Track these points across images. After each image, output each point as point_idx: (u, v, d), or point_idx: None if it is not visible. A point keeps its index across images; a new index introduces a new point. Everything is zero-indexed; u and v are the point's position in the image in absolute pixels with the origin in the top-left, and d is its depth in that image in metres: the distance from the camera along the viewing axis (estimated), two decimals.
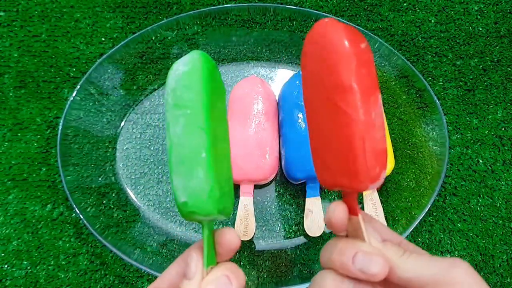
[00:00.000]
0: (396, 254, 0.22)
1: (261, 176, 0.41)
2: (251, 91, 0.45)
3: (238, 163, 0.40)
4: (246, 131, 0.42)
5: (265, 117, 0.44)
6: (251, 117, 0.43)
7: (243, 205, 0.40)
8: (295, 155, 0.42)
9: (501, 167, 0.48)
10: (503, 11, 0.57)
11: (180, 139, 0.22)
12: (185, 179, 0.22)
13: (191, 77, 0.22)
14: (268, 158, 0.42)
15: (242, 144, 0.41)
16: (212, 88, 0.23)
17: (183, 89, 0.22)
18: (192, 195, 0.21)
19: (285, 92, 0.46)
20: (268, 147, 0.42)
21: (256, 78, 0.47)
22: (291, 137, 0.42)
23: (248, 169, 0.40)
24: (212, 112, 0.22)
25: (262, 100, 0.45)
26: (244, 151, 0.41)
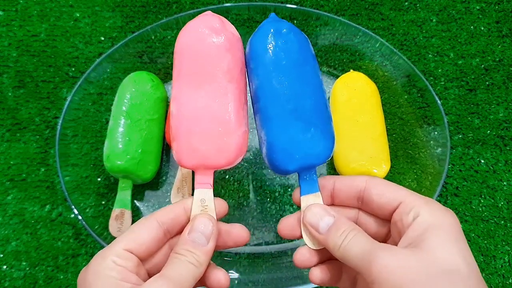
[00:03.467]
0: (337, 242, 0.24)
1: (223, 159, 0.28)
2: (206, 37, 0.29)
3: (192, 143, 0.28)
4: (200, 98, 0.28)
5: (228, 77, 0.29)
6: (206, 78, 0.29)
7: (199, 201, 0.27)
8: (281, 138, 0.28)
9: (502, 167, 0.48)
10: (505, 10, 0.57)
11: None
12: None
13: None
14: (233, 134, 0.28)
15: (194, 117, 0.28)
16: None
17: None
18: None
19: (257, 48, 0.30)
20: (233, 119, 0.28)
21: (214, 16, 0.30)
22: (274, 114, 0.29)
23: (205, 150, 0.28)
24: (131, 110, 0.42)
25: (223, 50, 0.29)
26: (198, 126, 0.28)
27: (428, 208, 0.23)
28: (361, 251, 0.23)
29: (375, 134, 0.44)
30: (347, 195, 0.27)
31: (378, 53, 0.50)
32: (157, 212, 0.26)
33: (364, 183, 0.26)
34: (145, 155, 0.43)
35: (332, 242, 0.24)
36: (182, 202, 0.27)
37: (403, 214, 0.24)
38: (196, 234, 0.25)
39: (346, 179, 0.27)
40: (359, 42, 0.51)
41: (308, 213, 0.26)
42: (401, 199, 0.24)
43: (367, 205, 0.26)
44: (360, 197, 0.27)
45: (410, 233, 0.22)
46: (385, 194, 0.25)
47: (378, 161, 0.43)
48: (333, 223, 0.25)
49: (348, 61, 0.52)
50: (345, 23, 0.51)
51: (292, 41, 0.29)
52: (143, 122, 0.44)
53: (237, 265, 0.42)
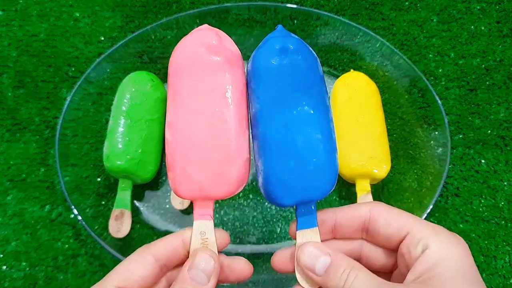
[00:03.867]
0: (338, 284, 0.22)
1: (223, 190, 0.26)
2: (203, 57, 0.26)
3: (189, 172, 0.26)
4: (197, 124, 0.26)
5: (227, 100, 0.26)
6: (203, 102, 0.26)
7: (199, 233, 0.25)
8: (279, 170, 0.25)
9: (503, 167, 0.48)
10: (506, 10, 0.57)
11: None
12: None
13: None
14: (234, 163, 0.26)
15: (191, 144, 0.26)
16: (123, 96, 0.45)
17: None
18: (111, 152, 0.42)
19: (259, 67, 0.27)
20: (233, 147, 0.26)
21: (210, 31, 0.28)
22: (273, 142, 0.26)
23: (204, 181, 0.25)
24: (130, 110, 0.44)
25: (222, 71, 0.26)
26: (196, 154, 0.26)
27: (437, 239, 0.21)
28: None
29: (375, 134, 0.44)
30: (350, 228, 0.25)
31: (379, 53, 0.50)
32: (153, 245, 0.24)
33: (368, 212, 0.24)
34: (145, 155, 0.43)
35: (332, 285, 0.23)
36: (180, 234, 0.25)
37: (411, 246, 0.22)
38: (197, 271, 0.23)
39: (348, 211, 0.25)
40: (359, 42, 0.51)
41: (302, 255, 0.24)
42: (408, 229, 0.23)
43: (372, 237, 0.25)
44: (365, 228, 0.25)
45: (419, 267, 0.21)
46: (392, 224, 0.23)
47: (378, 161, 0.42)
48: (331, 263, 0.23)
49: (348, 61, 0.52)
50: (346, 23, 0.50)
51: (299, 61, 0.26)
52: (143, 122, 0.44)
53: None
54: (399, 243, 0.23)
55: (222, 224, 0.44)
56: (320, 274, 0.23)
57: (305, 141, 0.25)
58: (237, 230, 0.44)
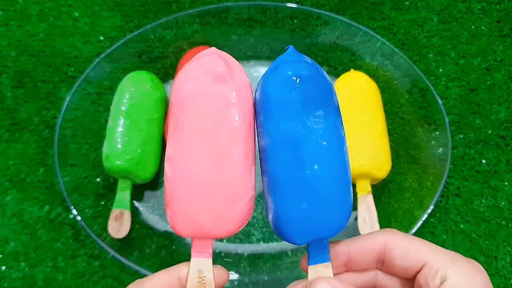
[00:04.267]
0: None
1: (225, 230, 0.24)
2: (209, 88, 0.24)
3: (188, 211, 0.24)
4: (199, 160, 0.24)
5: (233, 136, 0.24)
6: (208, 137, 0.24)
7: (196, 271, 0.23)
8: (290, 209, 0.24)
9: (504, 167, 0.47)
10: (506, 9, 0.57)
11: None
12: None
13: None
14: (236, 202, 0.24)
15: (192, 182, 0.24)
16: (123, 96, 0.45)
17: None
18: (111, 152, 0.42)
19: (269, 98, 0.24)
20: (238, 185, 0.24)
21: (219, 57, 0.26)
22: (284, 180, 0.24)
23: (204, 220, 0.24)
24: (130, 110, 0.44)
25: (229, 103, 0.24)
26: (197, 192, 0.24)
27: (455, 269, 0.21)
28: None
29: (376, 134, 0.44)
30: (365, 261, 0.24)
31: (379, 53, 0.50)
32: (148, 280, 0.23)
33: (383, 243, 0.24)
34: (145, 156, 0.43)
35: None
36: (176, 270, 0.23)
37: (429, 277, 0.22)
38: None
39: (362, 243, 0.24)
40: (359, 42, 0.51)
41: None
42: (425, 260, 0.22)
43: (388, 268, 0.24)
44: (380, 259, 0.24)
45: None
46: (408, 255, 0.23)
47: (379, 161, 0.42)
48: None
49: (348, 60, 0.52)
50: (346, 23, 0.50)
51: (312, 91, 0.24)
52: (143, 122, 0.44)
53: (237, 266, 0.42)
54: (415, 273, 0.23)
55: None
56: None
57: (318, 179, 0.23)
58: None
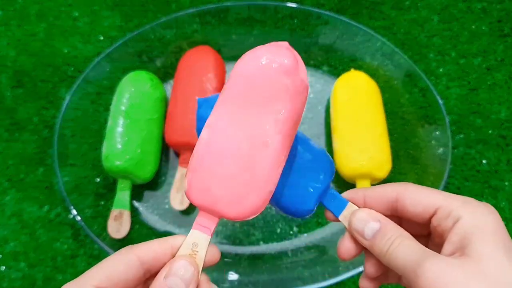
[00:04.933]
0: (382, 249, 0.23)
1: (235, 212, 0.24)
2: (273, 74, 0.25)
3: (209, 181, 0.24)
4: (239, 137, 0.24)
5: (279, 127, 0.24)
6: (255, 118, 0.24)
7: (191, 244, 0.24)
8: (286, 190, 0.27)
9: (504, 167, 0.47)
10: (506, 9, 0.56)
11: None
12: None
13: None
14: (256, 191, 0.25)
15: (224, 154, 0.24)
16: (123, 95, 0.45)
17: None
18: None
19: None
20: (265, 174, 0.24)
21: (291, 51, 0.25)
22: None
23: (219, 195, 0.24)
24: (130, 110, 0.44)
25: (287, 95, 0.25)
26: (224, 166, 0.24)
27: (467, 209, 0.22)
28: (408, 260, 0.22)
29: (376, 134, 0.44)
30: (380, 207, 0.26)
31: (379, 53, 0.50)
32: (139, 246, 0.22)
33: (395, 193, 0.25)
34: (144, 155, 0.43)
35: (377, 249, 0.24)
36: (171, 239, 0.23)
37: (442, 219, 0.23)
38: (174, 279, 0.21)
39: (375, 191, 0.26)
40: (360, 41, 0.51)
41: (354, 219, 0.25)
42: (437, 205, 0.23)
43: (402, 215, 0.25)
44: (394, 207, 0.25)
45: (453, 238, 0.22)
46: (420, 202, 0.24)
47: (379, 161, 0.42)
48: (379, 229, 0.24)
49: (349, 60, 0.52)
50: (346, 22, 0.50)
51: None
52: (142, 122, 0.44)
53: (237, 266, 0.41)
54: (429, 219, 0.24)
55: (222, 225, 0.44)
56: (368, 237, 0.24)
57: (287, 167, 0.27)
58: (237, 230, 0.44)
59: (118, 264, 0.21)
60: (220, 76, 0.47)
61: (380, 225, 0.24)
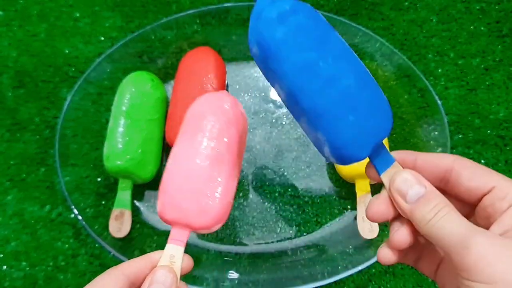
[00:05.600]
0: (425, 216, 0.22)
1: (202, 222, 0.29)
2: (215, 109, 0.32)
3: (175, 197, 0.29)
4: (197, 159, 0.29)
5: (227, 147, 0.30)
6: (207, 138, 0.30)
7: (168, 256, 0.27)
8: (342, 131, 0.24)
9: (503, 167, 0.48)
10: (505, 10, 0.57)
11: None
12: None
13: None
14: (218, 201, 0.29)
15: (186, 175, 0.29)
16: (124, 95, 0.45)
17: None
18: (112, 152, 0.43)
19: (269, 44, 0.24)
20: (222, 187, 0.29)
21: (229, 96, 0.33)
22: (322, 108, 0.24)
23: (186, 209, 0.28)
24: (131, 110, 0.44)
25: (227, 123, 0.31)
26: (187, 184, 0.29)
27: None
28: (455, 232, 0.20)
29: None
30: (431, 174, 0.24)
31: (378, 53, 0.50)
32: (123, 264, 0.26)
33: (452, 163, 0.23)
34: (145, 155, 0.43)
35: (419, 215, 0.22)
36: (150, 255, 0.27)
37: (497, 199, 0.21)
38: (157, 285, 0.24)
39: (430, 156, 0.24)
40: (359, 42, 0.51)
41: (398, 178, 0.23)
42: (494, 184, 0.22)
43: (453, 188, 0.23)
44: (446, 178, 0.23)
45: (505, 221, 0.20)
46: (476, 177, 0.22)
47: None
48: (424, 194, 0.22)
49: None
50: (345, 23, 0.50)
51: (302, 20, 0.24)
52: (143, 122, 0.44)
53: (237, 265, 0.42)
54: (481, 197, 0.22)
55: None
56: (411, 201, 0.22)
57: (350, 90, 0.24)
58: (237, 230, 0.44)
59: (106, 281, 0.24)
60: (220, 77, 0.48)
61: (425, 190, 0.22)
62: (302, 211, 0.45)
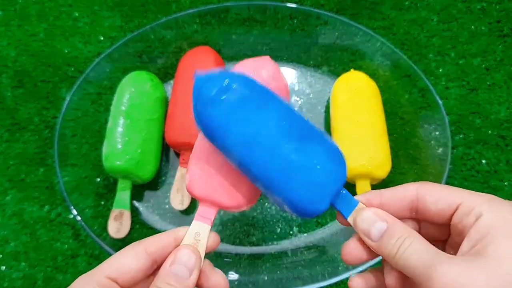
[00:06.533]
0: (391, 251, 0.22)
1: (231, 201, 0.27)
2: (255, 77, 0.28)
3: (209, 172, 0.27)
4: None
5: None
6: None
7: (194, 233, 0.26)
8: (297, 189, 0.25)
9: (504, 167, 0.47)
10: (506, 9, 0.57)
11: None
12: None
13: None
14: (249, 182, 0.27)
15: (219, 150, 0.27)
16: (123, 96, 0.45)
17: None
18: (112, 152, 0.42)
19: (212, 121, 0.25)
20: None
21: (269, 63, 0.31)
22: (273, 171, 0.25)
23: (217, 186, 0.27)
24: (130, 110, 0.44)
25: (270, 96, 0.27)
26: (221, 160, 0.27)
27: (491, 206, 0.21)
28: (419, 262, 0.20)
29: (375, 134, 0.44)
30: (399, 207, 0.24)
31: (379, 53, 0.50)
32: (146, 240, 0.25)
33: (415, 192, 0.24)
34: (145, 155, 0.43)
35: (386, 250, 0.22)
36: (174, 231, 0.26)
37: (463, 215, 0.21)
38: (179, 266, 0.23)
39: (393, 192, 0.25)
40: (359, 42, 0.51)
41: (359, 219, 0.24)
42: (459, 200, 0.22)
43: (423, 214, 0.24)
44: (414, 207, 0.24)
45: (473, 235, 0.20)
46: (442, 199, 0.23)
47: (378, 161, 0.42)
48: (386, 229, 0.23)
49: (348, 60, 0.52)
50: (346, 23, 0.50)
51: (239, 90, 0.25)
52: (143, 122, 0.44)
53: (237, 266, 0.42)
54: (451, 216, 0.23)
55: (222, 225, 0.44)
56: (375, 239, 0.23)
57: (295, 155, 0.24)
58: (237, 230, 0.44)
59: (127, 256, 0.23)
60: None
61: (387, 225, 0.23)
62: None
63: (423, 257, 0.21)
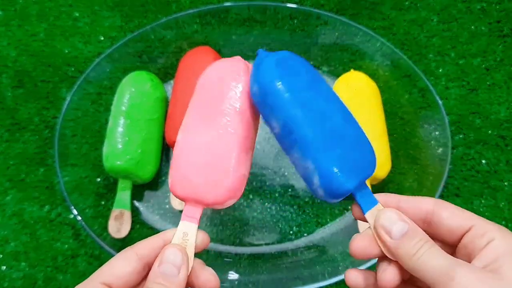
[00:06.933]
0: (410, 251, 0.23)
1: (213, 197, 0.27)
2: (228, 77, 0.30)
3: (187, 174, 0.28)
4: (208, 132, 0.28)
5: (239, 117, 0.29)
6: (218, 113, 0.29)
7: (182, 233, 0.26)
8: (332, 160, 0.26)
9: (504, 167, 0.47)
10: (506, 10, 0.57)
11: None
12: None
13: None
14: (231, 174, 0.27)
15: (197, 148, 0.28)
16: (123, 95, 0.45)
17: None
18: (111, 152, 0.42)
19: (268, 86, 0.27)
20: (234, 160, 0.28)
21: (240, 61, 0.32)
22: (314, 139, 0.26)
23: (198, 183, 0.27)
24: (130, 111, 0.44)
25: (241, 92, 0.29)
26: (198, 158, 0.28)
27: (503, 234, 0.22)
28: (438, 264, 0.21)
29: (375, 134, 0.44)
30: (413, 216, 0.25)
31: (379, 53, 0.50)
32: (137, 244, 0.26)
33: (432, 206, 0.25)
34: (145, 155, 0.43)
35: (404, 250, 0.23)
36: (163, 234, 0.26)
37: (476, 237, 0.23)
38: (166, 265, 0.24)
39: (411, 200, 0.26)
40: (359, 42, 0.51)
41: (383, 216, 0.25)
42: (473, 223, 0.23)
43: (435, 228, 0.25)
44: (428, 219, 0.25)
45: (484, 257, 0.22)
46: (456, 217, 0.24)
47: (379, 161, 0.42)
48: (407, 230, 0.24)
49: (348, 60, 0.52)
50: (346, 23, 0.50)
51: (296, 66, 0.28)
52: (143, 122, 0.44)
53: (237, 266, 0.42)
54: (462, 235, 0.24)
55: (222, 225, 0.44)
56: (395, 237, 0.24)
57: (338, 127, 0.27)
58: (237, 230, 0.44)
59: (119, 262, 0.24)
60: None
61: (409, 227, 0.24)
62: (303, 212, 0.45)
63: (442, 260, 0.22)
